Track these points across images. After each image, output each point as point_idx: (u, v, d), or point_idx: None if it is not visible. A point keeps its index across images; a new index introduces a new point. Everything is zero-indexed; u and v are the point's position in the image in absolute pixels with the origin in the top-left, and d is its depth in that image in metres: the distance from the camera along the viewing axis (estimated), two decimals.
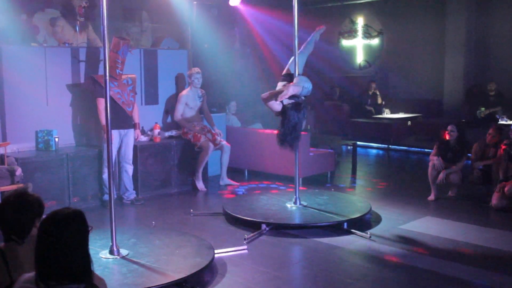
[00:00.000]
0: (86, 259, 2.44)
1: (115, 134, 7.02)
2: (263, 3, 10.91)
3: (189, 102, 8.25)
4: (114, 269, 4.75)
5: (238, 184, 8.48)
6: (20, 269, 2.55)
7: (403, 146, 12.19)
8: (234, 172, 9.00)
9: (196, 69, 8.27)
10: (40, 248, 2.39)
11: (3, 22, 7.21)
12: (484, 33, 12.78)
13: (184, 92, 8.31)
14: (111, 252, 4.98)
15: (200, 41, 9.00)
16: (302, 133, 6.78)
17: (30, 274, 2.44)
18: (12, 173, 6.23)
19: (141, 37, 8.93)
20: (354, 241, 5.79)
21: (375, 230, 6.19)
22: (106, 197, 7.21)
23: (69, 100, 7.55)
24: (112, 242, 4.99)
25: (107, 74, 4.96)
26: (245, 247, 5.59)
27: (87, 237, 2.49)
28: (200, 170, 8.20)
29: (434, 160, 7.48)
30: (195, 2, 8.92)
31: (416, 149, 11.85)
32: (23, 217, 2.81)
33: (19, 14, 7.60)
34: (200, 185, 8.19)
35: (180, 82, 8.75)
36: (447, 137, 7.50)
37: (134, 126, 7.45)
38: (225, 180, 8.52)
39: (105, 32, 4.91)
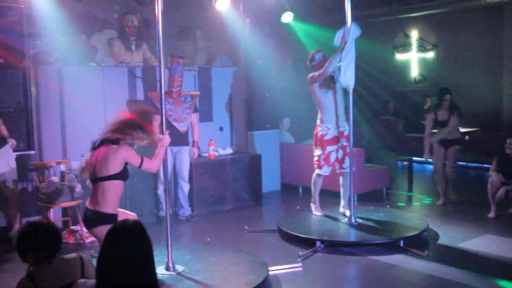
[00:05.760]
0: (150, 275, 2.34)
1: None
2: (315, 20, 10.91)
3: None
4: (170, 285, 4.79)
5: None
6: None
7: (461, 161, 11.86)
8: (288, 188, 8.97)
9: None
10: (102, 261, 2.34)
11: (64, 44, 7.48)
12: None
13: None
14: (167, 268, 5.05)
15: (253, 58, 9.06)
16: (356, 149, 6.58)
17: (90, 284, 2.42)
18: (72, 189, 6.42)
19: (195, 55, 9.06)
20: (410, 260, 5.67)
21: (433, 248, 6.06)
22: (162, 213, 7.31)
23: None
24: (168, 258, 5.07)
25: (163, 92, 5.07)
26: (300, 264, 5.55)
27: (150, 249, 2.39)
28: (316, 195, 7.23)
29: (493, 175, 7.28)
30: (247, 20, 9.00)
31: (475, 164, 11.53)
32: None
33: (79, 35, 7.85)
34: (317, 210, 7.22)
35: (234, 99, 8.82)
36: (507, 151, 7.28)
37: (192, 143, 7.50)
38: (345, 208, 7.11)
39: (161, 51, 5.01)
